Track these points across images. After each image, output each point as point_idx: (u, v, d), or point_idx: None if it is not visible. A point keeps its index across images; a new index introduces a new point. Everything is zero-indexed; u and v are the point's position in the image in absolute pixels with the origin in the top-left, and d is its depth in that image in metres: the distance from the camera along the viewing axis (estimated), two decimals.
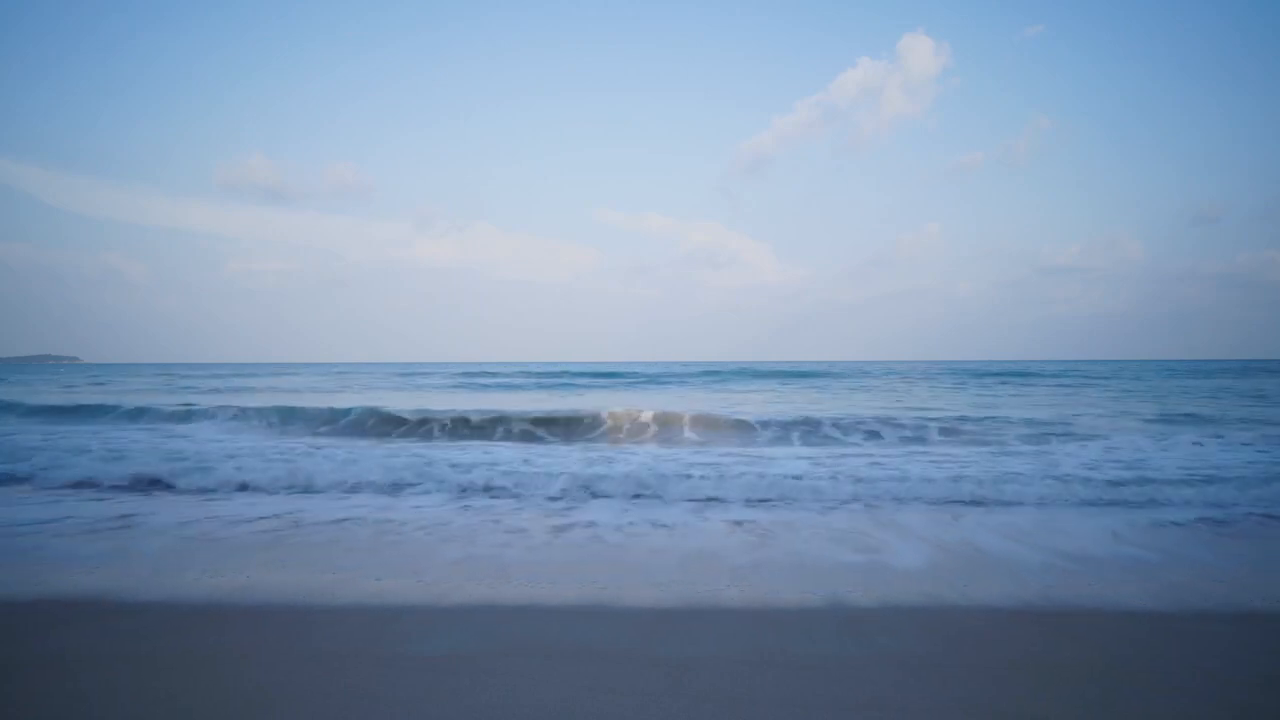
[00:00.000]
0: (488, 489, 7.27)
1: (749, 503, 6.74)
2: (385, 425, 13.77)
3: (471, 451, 9.95)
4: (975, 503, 6.72)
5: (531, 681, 2.90)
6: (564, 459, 9.14)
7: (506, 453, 9.93)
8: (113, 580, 4.35)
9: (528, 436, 12.71)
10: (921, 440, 12.01)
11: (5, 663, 3.09)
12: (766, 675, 2.98)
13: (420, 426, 13.48)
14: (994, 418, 14.21)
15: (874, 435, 12.46)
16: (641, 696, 2.77)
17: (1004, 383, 31.82)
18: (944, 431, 12.65)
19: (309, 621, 3.66)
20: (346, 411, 14.64)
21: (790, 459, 9.31)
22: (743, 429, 13.10)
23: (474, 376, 40.46)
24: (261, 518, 6.09)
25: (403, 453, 9.63)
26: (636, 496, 7.00)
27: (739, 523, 5.95)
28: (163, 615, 3.74)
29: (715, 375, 41.19)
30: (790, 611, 3.82)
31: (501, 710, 2.65)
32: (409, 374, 47.37)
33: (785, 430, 12.80)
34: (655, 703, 2.72)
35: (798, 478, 7.48)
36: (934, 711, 2.65)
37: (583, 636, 3.44)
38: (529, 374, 43.86)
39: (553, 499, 6.93)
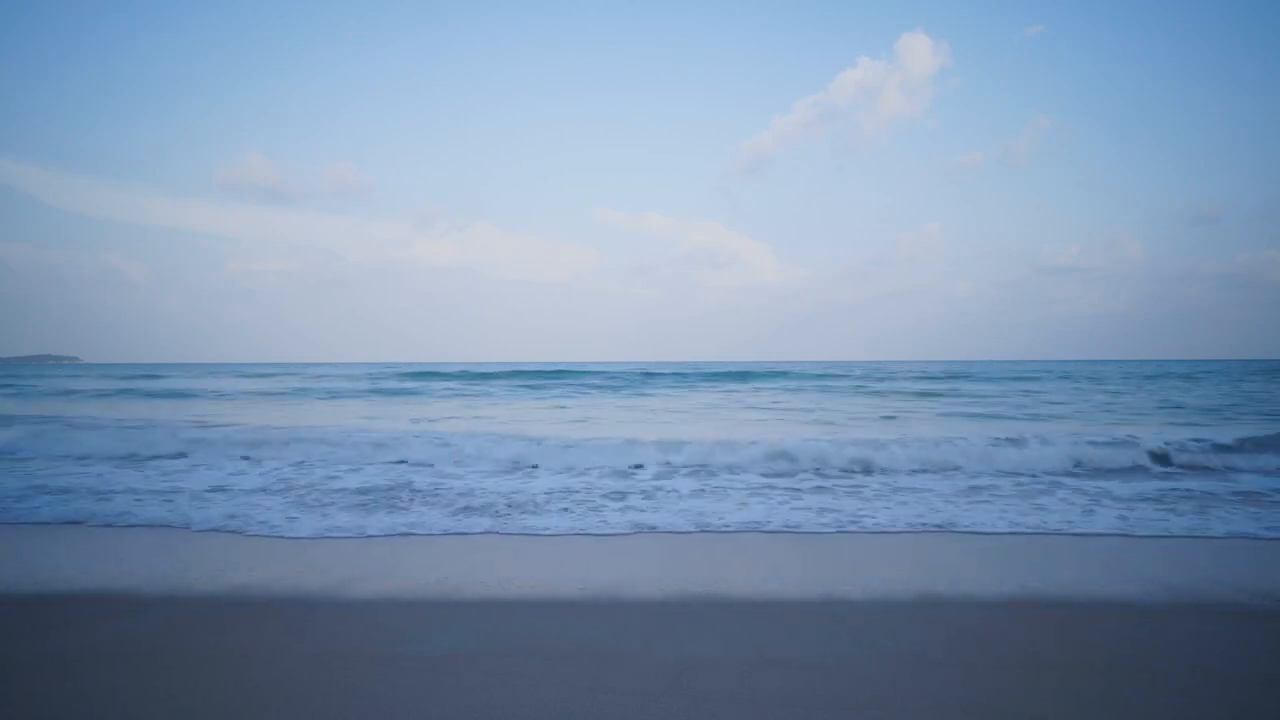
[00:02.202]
0: None
1: None
2: None
3: None
4: None
5: (531, 681, 2.90)
6: None
7: None
8: (113, 580, 4.35)
9: None
10: None
11: (5, 663, 3.09)
12: (766, 675, 2.98)
13: None
14: None
15: None
16: (641, 696, 2.77)
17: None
18: None
19: (309, 621, 3.66)
20: None
21: None
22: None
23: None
24: None
25: None
26: None
27: None
28: (163, 615, 3.74)
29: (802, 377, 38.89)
30: (790, 609, 3.83)
31: (502, 710, 2.65)
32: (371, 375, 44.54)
33: None
34: (655, 703, 2.72)
35: None
36: (934, 710, 2.65)
37: (583, 636, 3.44)
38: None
39: None
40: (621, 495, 7.29)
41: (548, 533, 5.82)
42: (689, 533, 5.79)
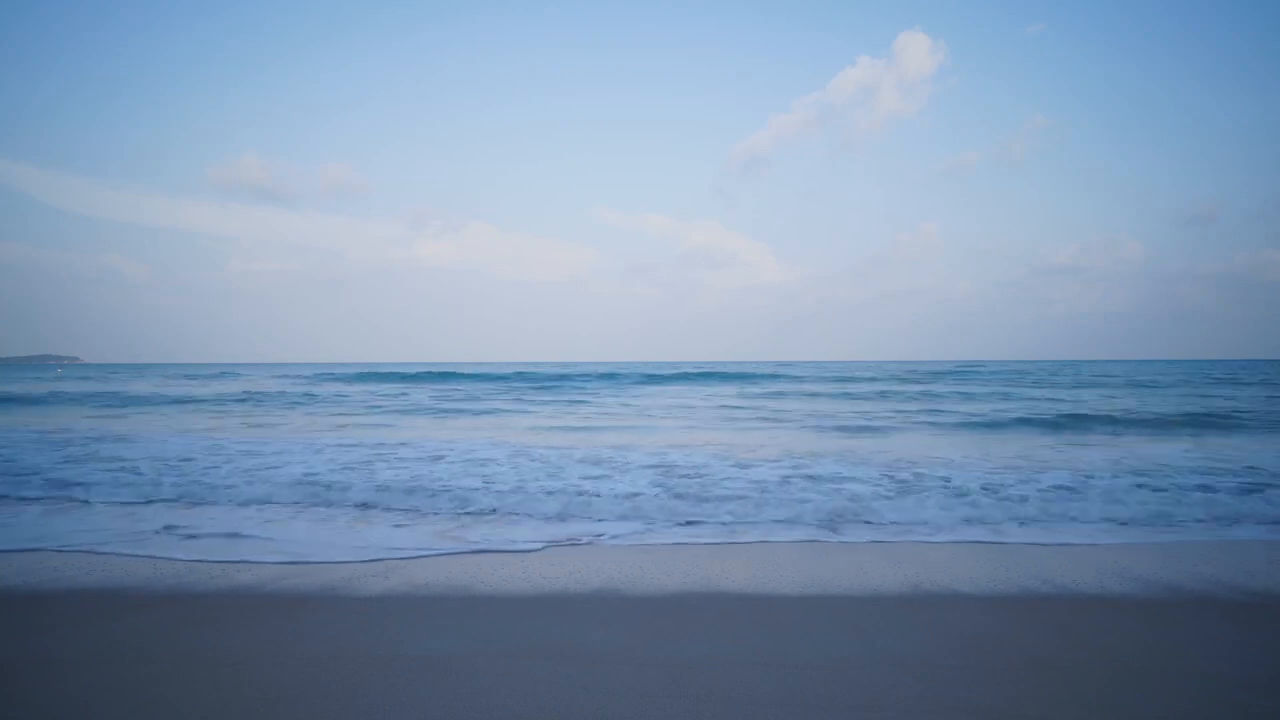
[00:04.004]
0: None
1: None
2: None
3: None
4: None
5: (532, 681, 2.90)
6: None
7: None
8: (113, 580, 4.35)
9: None
10: None
11: (5, 663, 3.09)
12: (766, 675, 2.98)
13: None
14: None
15: None
16: (641, 696, 2.77)
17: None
18: None
19: (309, 621, 3.65)
20: None
21: None
22: None
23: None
24: None
25: None
26: None
27: None
28: (163, 615, 3.74)
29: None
30: (790, 610, 3.83)
31: (502, 710, 2.65)
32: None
33: None
34: (655, 703, 2.72)
35: None
36: (933, 711, 2.65)
37: (583, 636, 3.44)
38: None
39: None
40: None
41: None
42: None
